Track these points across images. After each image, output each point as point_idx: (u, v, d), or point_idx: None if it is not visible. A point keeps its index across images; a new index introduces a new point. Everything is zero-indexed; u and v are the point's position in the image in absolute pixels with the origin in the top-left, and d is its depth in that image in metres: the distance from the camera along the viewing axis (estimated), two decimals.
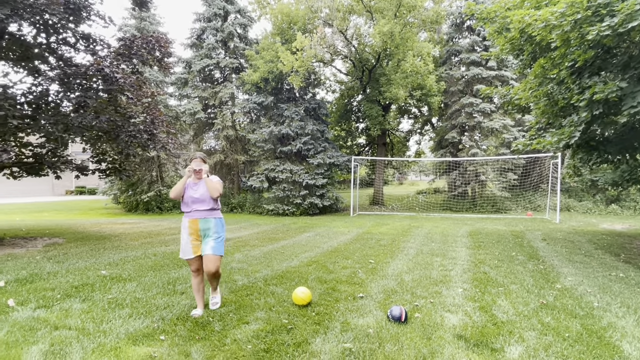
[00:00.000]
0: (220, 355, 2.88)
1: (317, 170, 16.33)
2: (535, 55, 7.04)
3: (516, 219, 14.27)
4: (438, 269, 5.81)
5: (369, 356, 2.90)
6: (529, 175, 18.48)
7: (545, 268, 5.94)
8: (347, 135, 25.34)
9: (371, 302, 4.18)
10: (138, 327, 3.39)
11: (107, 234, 9.65)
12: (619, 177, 8.67)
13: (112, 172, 9.24)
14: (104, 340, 3.12)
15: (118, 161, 9.26)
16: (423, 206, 19.09)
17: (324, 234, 9.71)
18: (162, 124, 8.66)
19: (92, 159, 9.12)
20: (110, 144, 8.80)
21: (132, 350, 2.95)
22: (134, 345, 3.05)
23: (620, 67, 5.32)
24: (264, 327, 3.43)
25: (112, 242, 8.28)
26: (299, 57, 14.83)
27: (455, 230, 10.55)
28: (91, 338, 3.14)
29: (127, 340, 3.13)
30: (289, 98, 17.77)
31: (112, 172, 9.21)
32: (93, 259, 6.45)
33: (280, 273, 5.48)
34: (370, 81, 18.09)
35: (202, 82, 20.32)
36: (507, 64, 17.45)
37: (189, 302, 4.05)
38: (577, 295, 4.50)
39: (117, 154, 9.14)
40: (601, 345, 3.10)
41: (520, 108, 8.18)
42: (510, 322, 3.61)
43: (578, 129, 5.85)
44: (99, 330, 3.30)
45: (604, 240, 8.73)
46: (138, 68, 8.72)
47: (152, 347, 3.00)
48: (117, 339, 3.13)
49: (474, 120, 17.55)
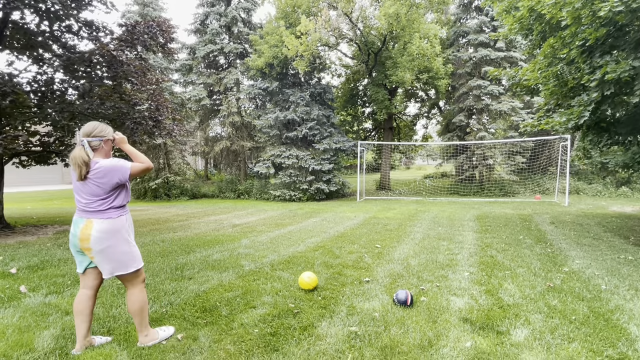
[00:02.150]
0: (228, 339, 2.91)
1: (323, 156, 16.29)
2: (544, 34, 6.87)
3: (524, 202, 14.16)
4: (444, 253, 5.80)
5: (375, 339, 2.91)
6: (538, 158, 18.26)
7: (552, 251, 5.91)
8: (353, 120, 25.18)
9: (377, 286, 4.20)
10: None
11: None
12: (629, 159, 8.50)
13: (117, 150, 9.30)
14: (113, 325, 3.17)
15: None
16: (430, 190, 19.01)
17: (330, 219, 9.73)
18: (167, 110, 8.64)
19: None
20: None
21: None
22: None
23: (633, 45, 5.16)
24: (270, 311, 3.46)
25: None
26: (303, 41, 14.64)
27: (462, 214, 10.51)
28: (101, 323, 3.20)
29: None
30: (294, 83, 17.63)
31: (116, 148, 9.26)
32: None
33: (286, 258, 5.51)
34: (376, 65, 17.85)
35: (206, 69, 20.24)
36: (515, 44, 17.07)
37: (196, 288, 4.10)
38: (585, 278, 4.48)
39: None
40: (608, 328, 3.09)
41: (528, 89, 8.02)
42: (516, 305, 3.60)
43: (587, 108, 5.73)
44: (108, 316, 3.35)
45: (613, 223, 8.64)
46: (142, 54, 8.68)
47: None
48: (127, 324, 3.18)
49: (481, 103, 17.30)
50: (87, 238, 2.60)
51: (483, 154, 17.56)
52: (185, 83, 20.48)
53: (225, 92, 19.65)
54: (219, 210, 12.55)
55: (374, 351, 2.74)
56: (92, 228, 2.60)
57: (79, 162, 2.56)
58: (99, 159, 2.66)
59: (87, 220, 2.62)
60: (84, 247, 2.62)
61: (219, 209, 13.04)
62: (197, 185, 19.95)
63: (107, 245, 2.62)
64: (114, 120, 7.91)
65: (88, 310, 2.75)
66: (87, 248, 2.62)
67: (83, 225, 2.62)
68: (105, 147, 2.73)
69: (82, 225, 2.62)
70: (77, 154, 2.58)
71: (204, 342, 2.87)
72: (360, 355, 2.69)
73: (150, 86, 8.77)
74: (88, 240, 2.60)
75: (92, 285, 2.78)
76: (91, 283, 2.77)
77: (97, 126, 2.71)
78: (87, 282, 2.77)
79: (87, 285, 2.77)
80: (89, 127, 2.68)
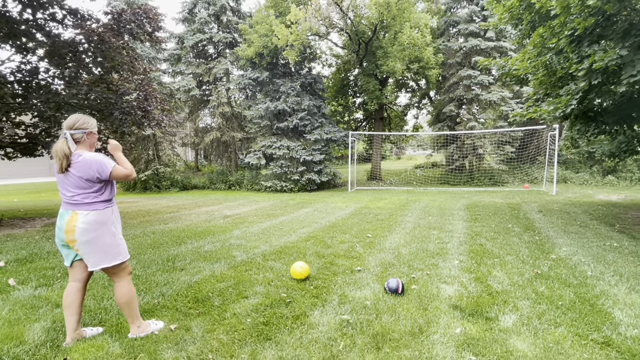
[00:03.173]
0: (220, 329, 2.93)
1: (314, 146, 16.26)
2: (534, 24, 6.90)
3: (513, 191, 14.34)
4: (435, 241, 5.86)
5: (366, 327, 2.95)
6: (527, 147, 18.46)
7: (540, 239, 6.01)
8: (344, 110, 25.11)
9: (369, 275, 4.24)
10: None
11: None
12: (616, 148, 8.66)
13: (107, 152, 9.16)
14: (105, 316, 3.16)
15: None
16: (421, 180, 19.14)
17: (322, 210, 9.76)
18: (156, 100, 8.53)
19: None
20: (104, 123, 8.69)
21: None
22: None
23: (620, 35, 5.21)
24: (262, 301, 3.47)
25: None
26: (293, 30, 14.50)
27: (452, 204, 10.61)
28: (92, 315, 3.19)
29: None
30: (284, 73, 17.49)
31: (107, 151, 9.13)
32: None
33: (278, 248, 5.52)
34: (366, 54, 17.77)
35: (195, 58, 19.96)
36: (505, 34, 17.10)
37: (188, 279, 4.09)
38: (572, 264, 4.57)
39: (111, 132, 9.04)
40: (593, 313, 3.16)
41: (518, 79, 8.06)
42: (505, 292, 3.67)
43: (575, 97, 5.79)
44: (100, 307, 3.34)
45: (600, 211, 8.80)
46: (129, 43, 8.52)
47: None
48: (118, 316, 3.17)
49: (472, 93, 17.37)
50: (72, 230, 2.57)
51: (473, 144, 17.68)
52: (173, 73, 20.18)
53: (215, 83, 19.43)
54: (210, 202, 12.50)
55: (366, 338, 2.77)
56: (77, 220, 2.57)
57: (60, 155, 2.54)
58: (83, 151, 2.63)
59: (73, 213, 2.59)
60: (69, 239, 2.59)
61: (210, 200, 12.98)
62: (187, 177, 19.81)
63: (92, 237, 2.59)
64: (102, 111, 7.79)
65: (77, 302, 2.73)
66: (72, 240, 2.59)
67: (68, 217, 2.59)
68: (88, 140, 2.70)
69: (68, 217, 2.59)
70: (58, 146, 2.55)
71: (196, 333, 2.88)
72: (352, 342, 2.73)
73: (138, 76, 8.63)
74: (73, 232, 2.57)
75: (81, 278, 2.75)
76: (79, 276, 2.74)
77: (80, 118, 2.67)
78: (75, 275, 2.74)
79: (75, 278, 2.74)
80: (72, 119, 2.64)
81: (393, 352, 2.59)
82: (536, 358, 2.50)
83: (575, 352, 2.56)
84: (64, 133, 2.61)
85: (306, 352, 2.60)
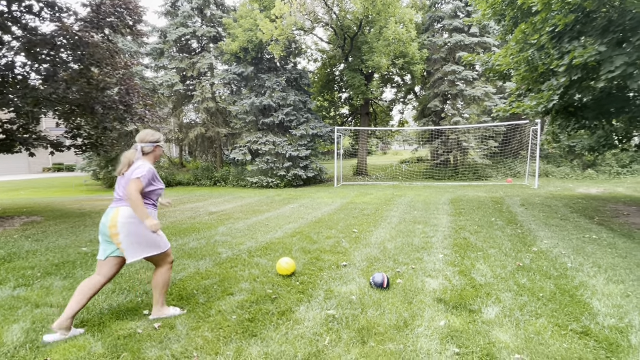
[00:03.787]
0: (205, 326, 2.91)
1: (300, 142, 16.23)
2: (516, 20, 6.98)
3: (496, 185, 14.58)
4: (420, 236, 5.92)
5: (352, 321, 2.97)
6: (509, 142, 18.75)
7: (522, 232, 6.12)
8: (329, 106, 25.08)
9: (354, 270, 4.26)
10: (122, 302, 3.39)
11: (88, 211, 9.48)
12: (595, 143, 8.85)
13: (88, 148, 8.98)
14: (86, 316, 3.11)
15: (94, 136, 8.98)
16: (406, 175, 19.29)
17: (307, 205, 9.76)
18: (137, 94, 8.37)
19: (66, 135, 8.82)
20: (85, 118, 8.51)
21: (117, 325, 2.95)
22: (118, 320, 3.05)
23: (599, 31, 5.31)
24: (248, 297, 3.46)
25: (93, 219, 8.15)
26: (278, 25, 14.39)
27: (437, 198, 10.73)
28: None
29: (111, 315, 3.12)
30: (269, 68, 17.36)
31: (88, 147, 8.95)
32: (73, 236, 6.35)
33: (264, 245, 5.51)
34: (352, 49, 17.76)
35: (178, 53, 19.64)
36: (489, 30, 17.31)
37: (172, 276, 4.04)
38: (552, 257, 4.67)
39: (92, 128, 8.85)
40: (573, 303, 3.24)
41: (501, 75, 8.17)
42: (488, 284, 3.73)
43: (556, 93, 5.90)
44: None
45: (580, 204, 9.01)
46: (109, 37, 8.33)
47: (136, 322, 3.01)
48: (101, 315, 3.12)
49: (456, 88, 17.54)
50: (115, 224, 2.81)
51: (457, 139, 17.88)
52: (156, 68, 19.81)
53: (199, 77, 19.17)
54: (195, 198, 12.37)
55: (351, 333, 2.79)
56: (119, 215, 2.82)
57: (125, 161, 2.92)
58: (145, 162, 2.94)
59: (117, 208, 2.86)
60: (113, 232, 2.81)
61: (195, 197, 12.85)
62: (171, 173, 19.55)
63: (132, 230, 2.82)
64: (82, 105, 7.62)
65: (90, 293, 2.84)
66: (115, 234, 2.81)
67: (112, 213, 2.85)
68: (155, 152, 3.05)
69: (112, 213, 2.85)
70: (128, 154, 2.95)
71: (181, 330, 2.85)
72: (337, 337, 2.74)
73: (119, 70, 8.45)
74: (116, 226, 2.81)
75: (107, 274, 2.91)
76: (106, 271, 2.90)
77: (149, 133, 3.03)
78: (103, 270, 2.90)
79: (102, 272, 2.90)
80: (143, 133, 3.01)
81: (378, 345, 2.61)
82: (518, 349, 2.55)
83: (555, 342, 2.62)
84: (135, 145, 2.98)
85: (292, 347, 2.60)
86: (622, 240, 5.47)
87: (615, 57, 4.91)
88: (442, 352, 2.53)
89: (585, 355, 2.46)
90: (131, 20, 8.31)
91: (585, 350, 2.52)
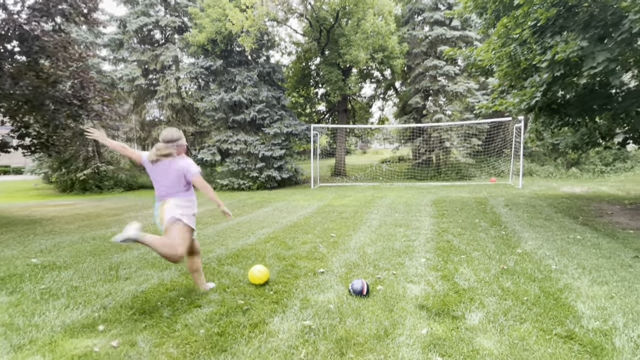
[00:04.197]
0: (170, 342, 2.85)
1: (273, 141, 16.16)
2: (498, 14, 7.18)
3: (480, 185, 14.93)
4: (401, 239, 5.99)
5: (330, 332, 2.97)
6: (493, 140, 19.25)
7: (507, 234, 6.29)
8: (305, 102, 25.11)
9: (332, 277, 4.27)
10: (76, 318, 3.28)
11: (38, 218, 9.15)
12: (578, 140, 9.19)
13: (38, 148, 8.67)
14: (36, 335, 2.99)
15: (45, 135, 8.67)
16: (387, 175, 19.50)
17: (282, 209, 9.72)
18: (94, 89, 8.14)
19: (13, 134, 8.48)
20: (34, 115, 8.21)
21: (70, 343, 2.85)
22: (72, 338, 2.95)
23: (581, 26, 5.53)
24: (217, 309, 3.41)
25: (44, 227, 7.87)
26: (249, 15, 14.30)
27: (419, 200, 10.89)
28: (21, 334, 3.00)
29: (64, 333, 3.02)
30: (240, 62, 17.23)
31: (38, 148, 8.64)
32: (21, 246, 6.11)
33: (235, 252, 5.45)
34: (328, 42, 17.84)
35: (140, 44, 19.25)
36: (471, 23, 17.72)
37: (134, 288, 3.95)
38: (537, 259, 4.81)
39: (42, 126, 8.55)
40: (557, 307, 3.35)
41: (483, 70, 8.38)
42: (471, 289, 3.81)
43: (539, 90, 6.09)
44: (30, 324, 3.15)
45: (564, 204, 9.34)
46: (61, 26, 8.08)
47: (92, 339, 2.91)
48: (52, 333, 3.01)
49: (437, 84, 17.87)
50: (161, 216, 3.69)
51: (440, 137, 18.22)
52: (115, 60, 19.35)
53: (163, 71, 18.82)
54: None
55: (329, 344, 2.79)
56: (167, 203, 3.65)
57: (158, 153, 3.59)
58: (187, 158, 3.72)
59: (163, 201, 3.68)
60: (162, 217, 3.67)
61: None
62: (133, 175, 19.11)
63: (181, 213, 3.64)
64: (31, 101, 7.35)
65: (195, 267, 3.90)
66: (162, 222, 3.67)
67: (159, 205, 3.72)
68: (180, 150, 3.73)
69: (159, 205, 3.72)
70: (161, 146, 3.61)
71: (143, 347, 2.78)
72: (314, 349, 2.74)
73: (73, 62, 8.20)
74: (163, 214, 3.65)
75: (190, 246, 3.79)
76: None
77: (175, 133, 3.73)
78: None
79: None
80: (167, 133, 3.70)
81: (357, 357, 2.62)
82: (502, 355, 2.61)
83: (539, 348, 2.70)
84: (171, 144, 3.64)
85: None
86: (606, 241, 5.70)
87: (597, 52, 5.11)
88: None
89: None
90: (86, 8, 8.08)
91: (570, 355, 2.61)
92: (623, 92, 7.27)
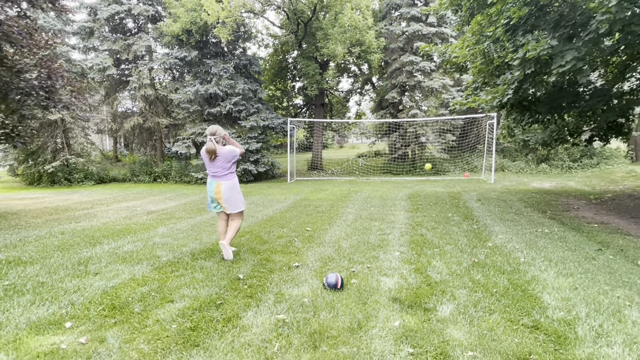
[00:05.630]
0: (141, 338, 2.80)
1: (250, 134, 16.01)
2: (473, 11, 7.29)
3: (454, 180, 15.22)
4: (376, 233, 6.06)
5: (303, 325, 2.98)
6: (467, 136, 19.62)
7: (478, 227, 6.44)
8: (282, 95, 24.95)
9: (307, 270, 4.28)
10: (42, 315, 3.18)
11: (2, 212, 8.81)
12: (548, 137, 9.48)
13: (2, 140, 8.32)
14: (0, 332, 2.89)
15: (10, 125, 8.32)
16: (363, 170, 19.63)
17: (258, 202, 9.67)
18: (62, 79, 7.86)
19: None
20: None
21: (35, 340, 2.77)
22: (38, 335, 2.86)
23: (552, 25, 5.68)
24: (190, 304, 3.38)
25: (9, 221, 7.59)
26: (225, 5, 14.06)
27: (394, 194, 11.02)
28: None
29: (29, 330, 2.93)
30: (216, 53, 16.95)
31: (2, 139, 8.29)
32: None
33: (209, 246, 5.40)
34: (306, 36, 17.74)
35: (111, 33, 18.66)
36: (447, 20, 17.95)
37: (103, 284, 3.86)
38: (506, 252, 4.96)
39: (7, 117, 8.21)
40: (525, 298, 3.46)
41: (458, 67, 8.52)
42: (443, 282, 3.89)
43: (511, 87, 6.24)
44: None
45: (533, 199, 9.63)
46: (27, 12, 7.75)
47: (59, 336, 2.84)
48: (16, 330, 2.92)
49: (414, 80, 18.05)
50: (220, 192, 4.69)
51: (415, 132, 18.45)
52: (85, 49, 18.66)
53: (135, 61, 18.33)
54: (132, 196, 11.86)
55: (303, 338, 2.80)
56: (222, 186, 4.69)
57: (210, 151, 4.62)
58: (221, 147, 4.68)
59: (218, 182, 4.70)
60: (217, 197, 4.73)
61: (132, 195, 12.32)
62: (104, 168, 18.61)
63: (230, 196, 4.73)
64: None
65: (224, 229, 4.85)
66: (220, 198, 4.71)
67: (215, 184, 4.72)
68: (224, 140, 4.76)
69: (215, 184, 4.72)
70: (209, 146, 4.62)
71: (112, 344, 2.73)
72: (288, 343, 2.74)
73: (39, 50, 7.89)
74: (220, 193, 4.69)
75: (225, 218, 4.87)
76: (224, 217, 4.87)
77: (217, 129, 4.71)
78: (222, 216, 4.88)
79: (223, 217, 4.88)
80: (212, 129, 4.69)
81: (331, 350, 2.64)
82: (471, 346, 2.68)
83: (507, 338, 2.79)
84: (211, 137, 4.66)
85: (238, 356, 2.57)
86: (572, 234, 5.91)
87: (566, 51, 5.27)
88: (397, 352, 2.61)
89: (535, 349, 2.64)
90: None
91: (536, 344, 2.70)
92: (590, 91, 7.54)
